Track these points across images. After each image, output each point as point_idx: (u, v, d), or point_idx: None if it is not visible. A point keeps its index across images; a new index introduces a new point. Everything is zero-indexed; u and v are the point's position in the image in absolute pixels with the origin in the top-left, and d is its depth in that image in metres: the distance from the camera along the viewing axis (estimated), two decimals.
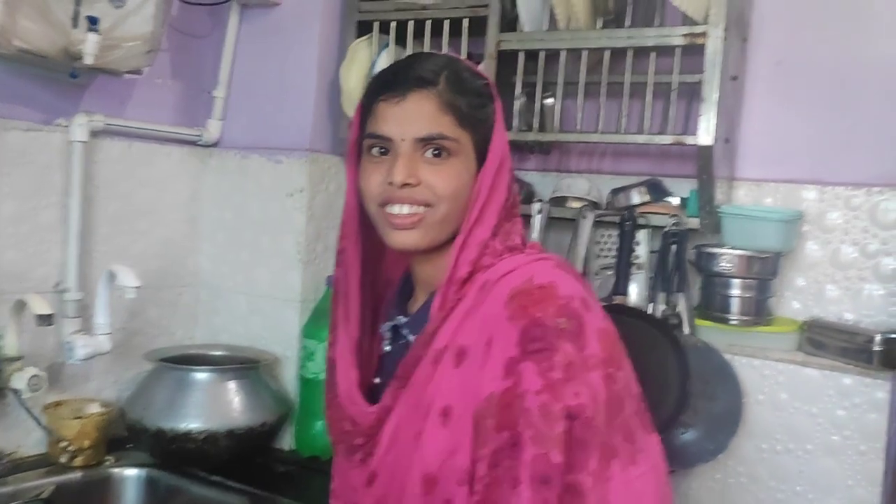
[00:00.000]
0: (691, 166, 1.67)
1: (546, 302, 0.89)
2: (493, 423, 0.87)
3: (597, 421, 0.86)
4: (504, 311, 0.90)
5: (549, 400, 0.85)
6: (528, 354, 0.87)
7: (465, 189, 0.97)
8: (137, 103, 1.78)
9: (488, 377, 0.88)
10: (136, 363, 1.78)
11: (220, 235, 1.91)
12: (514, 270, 0.94)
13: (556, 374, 0.85)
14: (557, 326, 0.87)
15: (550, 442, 0.84)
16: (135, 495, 1.60)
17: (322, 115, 1.83)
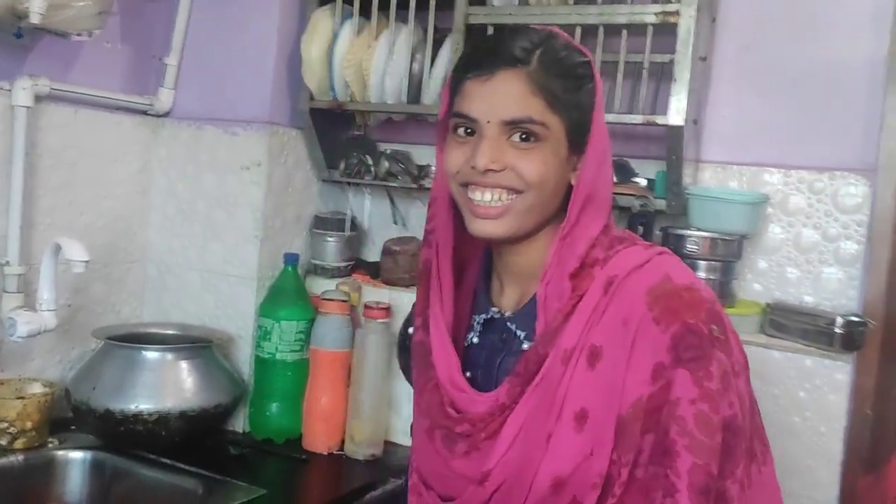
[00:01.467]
0: (657, 147, 1.66)
1: (697, 307, 0.86)
2: (641, 426, 0.85)
3: (744, 428, 0.86)
4: (647, 311, 0.86)
5: (708, 410, 0.83)
6: (682, 362, 0.84)
7: (554, 177, 0.91)
8: (85, 68, 1.69)
9: (634, 381, 0.86)
10: (81, 341, 1.70)
11: (172, 209, 1.83)
12: (643, 265, 0.90)
13: (713, 385, 0.84)
14: (711, 334, 0.85)
15: (709, 453, 0.83)
16: (80, 479, 1.53)
17: (281, 87, 1.77)
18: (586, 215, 0.92)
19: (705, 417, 0.83)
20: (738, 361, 0.88)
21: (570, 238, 0.92)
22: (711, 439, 0.83)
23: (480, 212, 0.92)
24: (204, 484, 1.44)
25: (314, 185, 1.87)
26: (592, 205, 0.93)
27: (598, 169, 0.93)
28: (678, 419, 0.83)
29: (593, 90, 0.93)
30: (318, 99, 1.76)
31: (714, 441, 0.83)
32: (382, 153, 1.82)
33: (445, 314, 1.00)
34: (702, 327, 0.85)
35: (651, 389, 0.85)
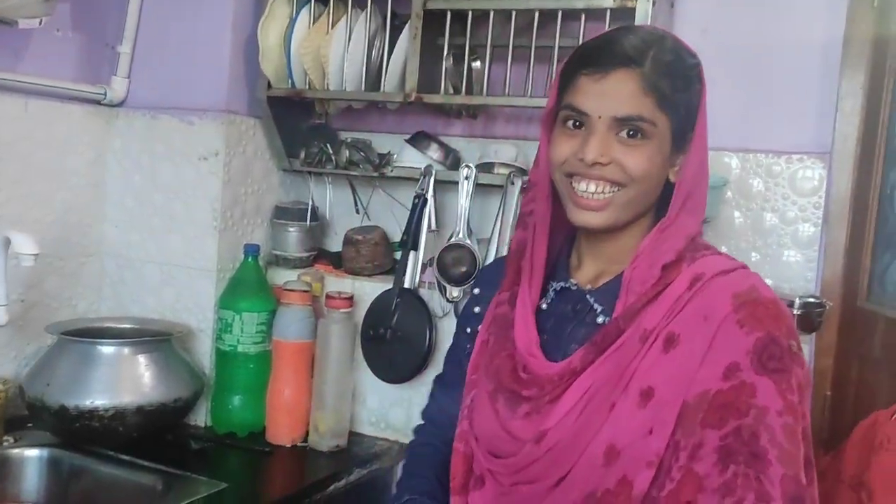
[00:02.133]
0: None
1: (780, 320, 0.91)
2: (702, 417, 0.88)
3: (810, 440, 0.90)
4: (733, 313, 0.90)
5: (793, 422, 0.87)
6: (766, 371, 0.88)
7: (656, 172, 0.96)
8: (35, 57, 1.64)
9: (706, 373, 0.89)
10: (36, 337, 1.66)
11: (129, 201, 1.80)
12: (730, 272, 0.95)
13: (794, 398, 0.88)
14: (791, 349, 0.89)
15: (797, 463, 0.86)
16: (37, 477, 1.50)
17: (238, 74, 1.73)
18: (685, 212, 0.97)
19: (791, 429, 0.87)
20: (807, 376, 0.92)
21: (669, 232, 0.97)
22: (798, 450, 0.87)
23: (584, 203, 0.96)
24: (163, 479, 1.41)
25: (274, 175, 1.84)
26: (691, 202, 0.98)
27: (699, 169, 0.98)
28: (768, 428, 0.86)
29: (700, 92, 0.98)
30: (276, 87, 1.73)
31: (800, 452, 0.87)
32: (343, 142, 1.80)
33: (533, 292, 1.04)
34: (784, 341, 0.89)
35: (721, 385, 0.88)
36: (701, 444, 0.87)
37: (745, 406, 0.87)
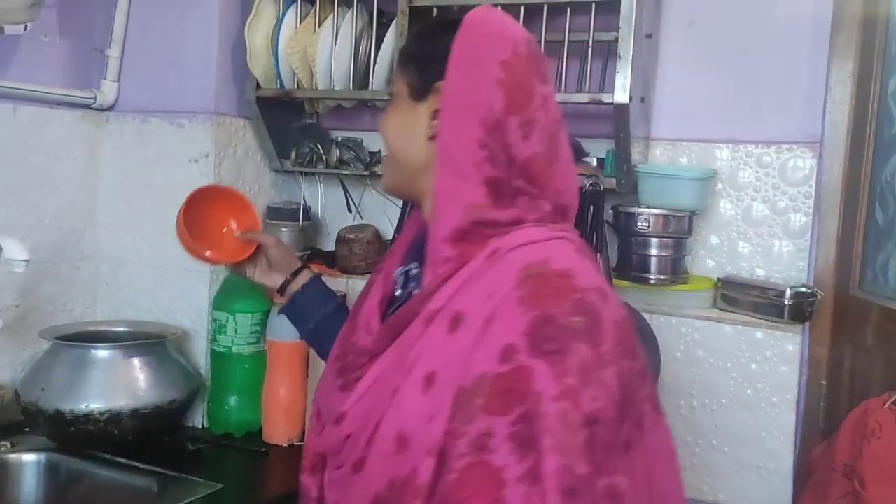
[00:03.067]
0: (607, 126, 1.66)
1: (562, 295, 0.85)
2: (483, 404, 0.82)
3: (616, 420, 0.83)
4: (515, 289, 0.85)
5: (569, 408, 0.81)
6: (541, 353, 0.82)
7: (400, 132, 0.99)
8: (22, 63, 1.64)
9: (482, 355, 0.84)
10: (31, 343, 1.66)
11: (121, 205, 1.80)
12: (529, 244, 0.90)
13: (572, 380, 0.81)
14: (571, 326, 0.83)
15: (574, 452, 0.80)
16: (34, 482, 1.50)
17: (226, 76, 1.73)
18: (455, 177, 0.91)
19: (568, 415, 0.81)
20: (610, 351, 0.85)
21: (440, 201, 0.92)
22: (574, 438, 0.80)
23: None
24: (159, 481, 1.42)
25: (266, 176, 1.84)
26: (456, 167, 0.91)
27: (457, 125, 0.92)
28: (542, 415, 0.81)
29: (450, 44, 0.93)
30: (265, 87, 1.73)
31: (578, 439, 0.81)
32: (334, 141, 1.80)
33: (394, 262, 1.07)
34: (561, 318, 0.83)
35: (499, 369, 0.83)
36: (490, 433, 0.81)
37: (524, 391, 0.81)
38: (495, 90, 0.91)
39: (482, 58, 0.92)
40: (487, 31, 0.94)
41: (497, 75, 0.91)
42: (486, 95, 0.91)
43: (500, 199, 0.92)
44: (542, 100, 0.93)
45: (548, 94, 0.95)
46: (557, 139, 0.96)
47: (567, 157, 0.98)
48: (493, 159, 0.91)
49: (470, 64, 0.92)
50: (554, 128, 0.95)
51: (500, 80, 0.91)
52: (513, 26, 0.96)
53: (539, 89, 0.93)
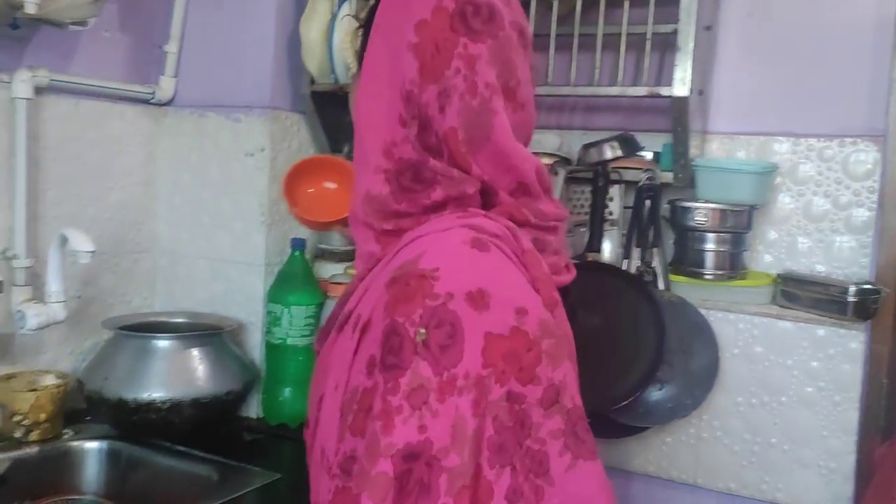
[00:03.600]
0: (663, 120, 1.65)
1: (415, 301, 0.73)
2: (350, 422, 0.73)
3: (451, 460, 0.69)
4: (384, 293, 0.76)
5: (380, 429, 0.70)
6: (383, 368, 0.72)
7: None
8: (84, 58, 1.68)
9: (356, 365, 0.76)
10: (92, 332, 1.70)
11: (178, 199, 1.83)
12: (423, 237, 0.79)
13: (396, 401, 0.70)
14: (414, 339, 0.71)
15: (365, 482, 0.69)
16: (96, 468, 1.53)
17: (282, 71, 1.75)
18: (362, 164, 0.84)
19: (373, 439, 0.70)
20: (470, 374, 0.71)
21: (352, 193, 0.86)
22: (372, 467, 0.69)
23: None
24: (219, 470, 1.44)
25: None
26: (364, 148, 0.84)
27: (369, 101, 0.84)
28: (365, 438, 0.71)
29: (373, 11, 0.86)
30: (320, 82, 1.75)
31: (373, 470, 0.69)
32: None
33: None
34: (408, 329, 0.72)
35: (365, 383, 0.73)
36: (354, 455, 0.72)
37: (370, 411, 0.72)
38: (407, 57, 0.81)
39: (398, 21, 0.83)
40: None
41: (410, 39, 0.81)
42: (401, 66, 0.82)
43: (413, 184, 0.82)
44: (467, 62, 0.81)
45: (479, 53, 0.81)
46: (489, 107, 0.82)
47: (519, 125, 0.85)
48: (408, 139, 0.82)
49: (385, 30, 0.84)
50: (487, 93, 0.81)
51: (412, 44, 0.81)
52: None
53: (465, 49, 0.80)
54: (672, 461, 1.50)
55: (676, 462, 1.50)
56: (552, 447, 0.73)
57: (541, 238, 0.86)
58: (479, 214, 0.82)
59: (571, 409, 0.76)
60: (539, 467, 0.73)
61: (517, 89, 0.85)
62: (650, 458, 1.51)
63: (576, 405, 0.76)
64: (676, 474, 1.50)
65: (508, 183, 0.85)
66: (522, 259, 0.81)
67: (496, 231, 0.80)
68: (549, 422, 0.74)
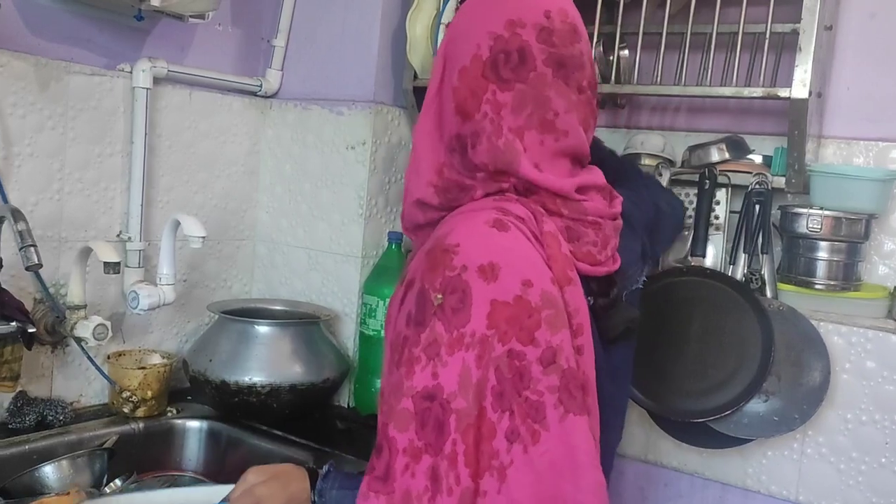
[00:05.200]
0: (773, 123, 1.60)
1: (437, 270, 0.89)
2: (398, 359, 0.89)
3: (458, 403, 0.84)
4: (421, 261, 0.92)
5: (404, 376, 0.86)
6: (412, 324, 0.88)
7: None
8: (198, 50, 1.74)
9: (402, 315, 0.92)
10: (195, 315, 1.76)
11: (279, 189, 1.88)
12: (454, 216, 0.96)
13: (416, 352, 0.86)
14: (433, 302, 0.87)
15: (391, 415, 0.86)
16: (196, 446, 1.59)
17: (385, 66, 1.77)
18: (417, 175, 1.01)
19: (396, 382, 0.87)
20: (475, 333, 0.86)
21: (411, 167, 1.02)
22: (397, 402, 0.86)
23: None
24: (314, 456, 1.47)
25: None
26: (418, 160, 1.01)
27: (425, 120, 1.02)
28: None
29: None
30: (422, 77, 1.76)
31: (397, 405, 0.86)
32: None
33: None
34: (430, 294, 0.87)
35: (406, 332, 0.89)
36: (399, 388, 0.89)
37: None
38: (450, 97, 0.98)
39: (451, 61, 0.99)
40: (460, 29, 1.01)
41: (454, 83, 0.98)
42: (448, 101, 0.99)
43: (458, 195, 0.98)
44: (494, 107, 0.95)
45: (505, 101, 0.95)
46: (513, 147, 0.95)
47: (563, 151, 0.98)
48: (453, 164, 0.98)
49: (443, 66, 1.01)
50: (511, 136, 0.95)
51: (454, 87, 0.98)
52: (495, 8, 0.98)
53: (493, 96, 0.95)
54: (772, 476, 1.45)
55: (777, 477, 1.45)
56: (549, 399, 0.86)
57: (574, 228, 0.98)
58: (512, 199, 0.95)
59: (567, 369, 0.88)
60: (536, 414, 0.85)
61: (555, 121, 0.97)
62: (749, 471, 1.46)
63: (570, 366, 0.88)
64: (776, 490, 1.45)
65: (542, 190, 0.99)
66: (541, 240, 0.93)
67: (521, 214, 0.93)
68: (547, 378, 0.86)
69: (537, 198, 0.97)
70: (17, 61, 1.41)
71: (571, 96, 0.97)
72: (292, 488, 1.01)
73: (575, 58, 0.98)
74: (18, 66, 1.41)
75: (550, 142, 0.97)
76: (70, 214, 1.52)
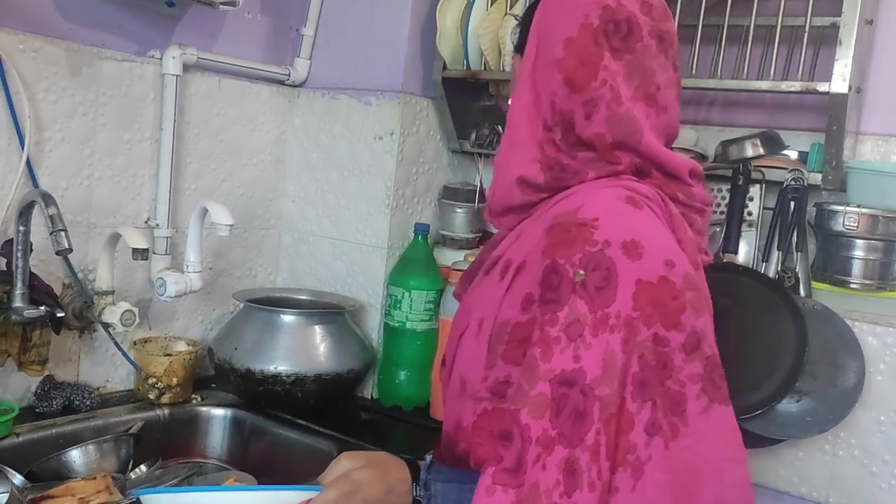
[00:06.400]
0: (809, 118, 1.57)
1: (575, 244, 0.82)
2: (503, 351, 0.85)
3: (602, 390, 0.78)
4: (542, 238, 0.86)
5: (538, 357, 0.79)
6: (542, 302, 0.82)
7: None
8: (227, 38, 1.73)
9: (508, 302, 0.86)
10: (220, 303, 1.76)
11: (306, 178, 1.87)
12: (573, 194, 0.90)
13: (554, 332, 0.79)
14: (573, 278, 0.80)
15: (524, 400, 0.78)
16: (220, 434, 1.59)
17: (415, 56, 1.76)
18: (513, 151, 0.94)
19: (532, 363, 0.79)
20: (621, 314, 0.79)
21: (499, 172, 0.96)
22: (531, 388, 0.78)
23: None
24: (338, 446, 1.46)
25: (443, 156, 1.86)
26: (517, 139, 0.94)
27: (523, 106, 0.94)
28: (524, 358, 0.81)
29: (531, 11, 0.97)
30: (452, 68, 1.74)
31: (532, 391, 0.78)
32: None
33: None
34: (567, 269, 0.81)
35: (519, 318, 0.84)
36: (508, 381, 0.82)
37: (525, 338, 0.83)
38: (554, 72, 0.91)
39: (548, 34, 0.93)
40: (559, 1, 0.94)
41: (557, 55, 0.91)
42: (547, 75, 0.92)
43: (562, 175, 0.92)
44: (611, 75, 0.90)
45: (618, 70, 0.90)
46: (633, 115, 0.90)
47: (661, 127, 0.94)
48: (553, 141, 0.92)
49: (537, 42, 0.94)
50: (629, 104, 0.90)
51: (558, 59, 0.91)
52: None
53: (609, 63, 0.90)
54: (804, 478, 1.43)
55: (808, 479, 1.42)
56: (690, 390, 0.80)
57: (687, 215, 0.94)
58: (632, 180, 0.91)
59: (710, 356, 0.82)
60: (677, 406, 0.79)
61: (657, 94, 0.93)
62: (781, 472, 1.44)
63: (713, 353, 0.83)
64: (807, 491, 1.43)
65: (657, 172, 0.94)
66: (670, 222, 0.89)
67: (647, 193, 0.89)
68: (689, 366, 0.80)
69: (651, 181, 0.92)
70: (50, 46, 1.41)
71: (669, 72, 0.94)
72: (392, 477, 0.92)
73: (671, 34, 0.95)
74: (51, 51, 1.41)
75: (653, 117, 0.92)
76: (99, 200, 1.52)
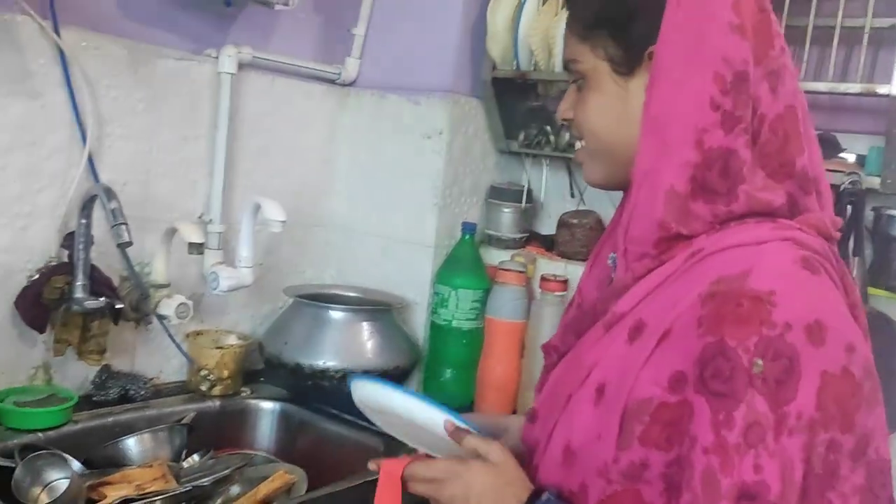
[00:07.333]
0: (867, 121, 1.54)
1: (750, 325, 0.68)
2: (642, 431, 0.73)
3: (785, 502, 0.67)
4: (697, 305, 0.71)
5: (718, 468, 0.67)
6: (705, 391, 0.69)
7: (615, 121, 0.82)
8: (281, 37, 1.76)
9: (649, 375, 0.73)
10: (270, 298, 1.79)
11: (355, 176, 1.89)
12: (739, 246, 0.74)
13: (732, 437, 0.67)
14: (750, 369, 0.67)
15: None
16: (269, 427, 1.61)
17: (464, 56, 1.77)
18: (662, 155, 0.76)
19: (712, 477, 0.67)
20: (802, 415, 0.67)
21: (640, 182, 0.78)
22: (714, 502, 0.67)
23: (576, 159, 0.92)
24: (385, 442, 1.47)
25: (491, 156, 1.87)
26: (668, 136, 0.76)
27: (678, 87, 0.76)
28: (690, 464, 0.69)
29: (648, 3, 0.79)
30: (501, 68, 1.75)
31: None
32: (563, 124, 1.78)
33: (603, 246, 0.96)
34: (741, 356, 0.67)
35: (667, 398, 0.71)
36: (645, 464, 0.72)
37: (683, 431, 0.70)
38: (731, 37, 0.75)
39: (694, 16, 0.76)
40: None
41: (731, 19, 0.76)
42: (719, 45, 0.75)
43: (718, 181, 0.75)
44: (781, 47, 0.79)
45: (783, 41, 0.80)
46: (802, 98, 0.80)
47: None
48: (727, 123, 0.75)
49: (691, 12, 0.76)
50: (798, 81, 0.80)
51: (734, 24, 0.75)
52: None
53: (777, 30, 0.80)
54: None
55: None
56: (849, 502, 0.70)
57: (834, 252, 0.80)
58: (794, 227, 0.76)
59: (874, 461, 0.71)
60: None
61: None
62: None
63: (879, 457, 0.72)
64: None
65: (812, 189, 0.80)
66: (843, 282, 0.76)
67: (819, 249, 0.75)
68: (854, 475, 0.70)
69: (805, 217, 0.78)
70: (112, 45, 1.45)
71: None
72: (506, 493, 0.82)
73: None
74: (112, 49, 1.45)
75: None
76: (156, 195, 1.56)
